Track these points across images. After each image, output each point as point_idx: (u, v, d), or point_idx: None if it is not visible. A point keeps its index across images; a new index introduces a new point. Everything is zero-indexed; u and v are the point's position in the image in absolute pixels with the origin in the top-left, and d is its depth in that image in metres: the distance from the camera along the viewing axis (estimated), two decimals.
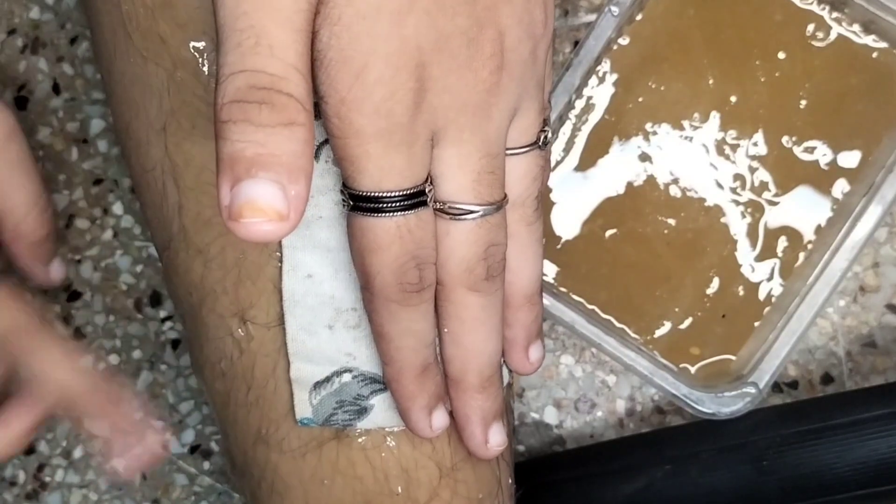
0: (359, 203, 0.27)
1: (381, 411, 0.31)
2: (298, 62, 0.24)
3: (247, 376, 0.32)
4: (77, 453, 0.44)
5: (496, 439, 0.31)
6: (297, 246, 0.30)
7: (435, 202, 0.27)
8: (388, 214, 0.26)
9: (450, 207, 0.27)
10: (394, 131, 0.26)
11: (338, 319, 0.31)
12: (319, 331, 0.31)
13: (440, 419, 0.30)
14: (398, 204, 0.26)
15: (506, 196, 0.29)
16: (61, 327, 0.44)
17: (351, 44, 0.25)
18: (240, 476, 0.35)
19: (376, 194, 0.26)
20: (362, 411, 0.31)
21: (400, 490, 0.31)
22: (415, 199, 0.27)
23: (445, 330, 0.30)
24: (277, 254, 0.31)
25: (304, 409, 0.31)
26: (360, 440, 0.31)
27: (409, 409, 0.30)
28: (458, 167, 0.27)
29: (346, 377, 0.31)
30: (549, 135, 0.30)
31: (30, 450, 0.44)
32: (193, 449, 0.44)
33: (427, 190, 0.27)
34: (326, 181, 0.30)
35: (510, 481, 0.34)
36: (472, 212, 0.27)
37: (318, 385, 0.31)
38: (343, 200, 0.27)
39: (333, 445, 0.32)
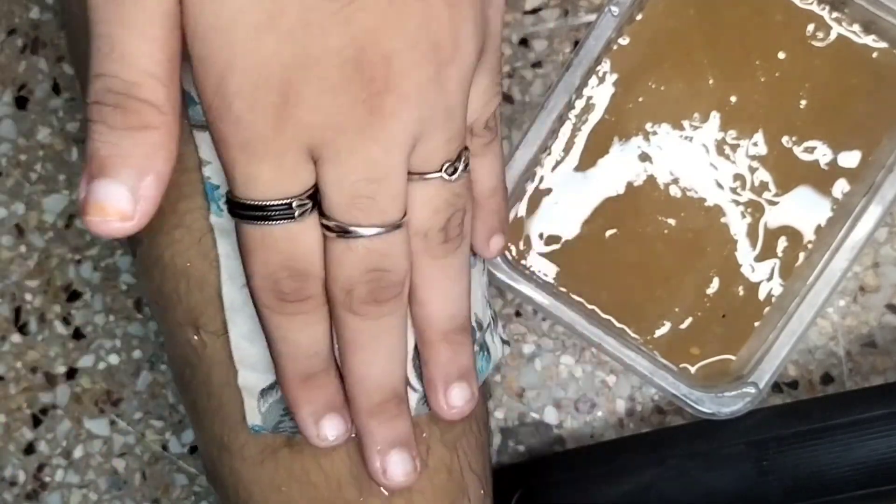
0: (232, 206, 0.27)
1: None
2: (156, 69, 0.25)
3: (206, 384, 0.33)
4: (77, 453, 0.44)
5: (395, 469, 0.30)
6: (231, 255, 0.31)
7: (322, 217, 0.27)
8: (254, 223, 0.27)
9: (335, 225, 0.27)
10: (256, 142, 0.26)
11: None
12: (260, 339, 0.30)
13: (329, 429, 0.30)
14: (262, 213, 0.26)
15: (400, 223, 0.27)
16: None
17: (210, 55, 0.25)
18: (212, 483, 0.35)
19: (244, 201, 0.26)
20: None
21: (352, 499, 0.31)
22: (281, 210, 0.26)
23: (339, 352, 0.29)
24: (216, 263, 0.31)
25: (254, 416, 0.31)
26: (311, 447, 0.31)
27: (296, 414, 0.30)
28: (335, 187, 0.27)
29: None
30: (464, 167, 0.28)
31: (30, 450, 0.44)
32: (193, 449, 0.44)
33: (301, 204, 0.27)
34: None
35: (482, 492, 0.34)
36: (349, 232, 0.27)
37: (264, 392, 0.31)
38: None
39: (287, 453, 0.32)
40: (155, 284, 0.33)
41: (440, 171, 0.28)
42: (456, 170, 0.28)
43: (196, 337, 0.32)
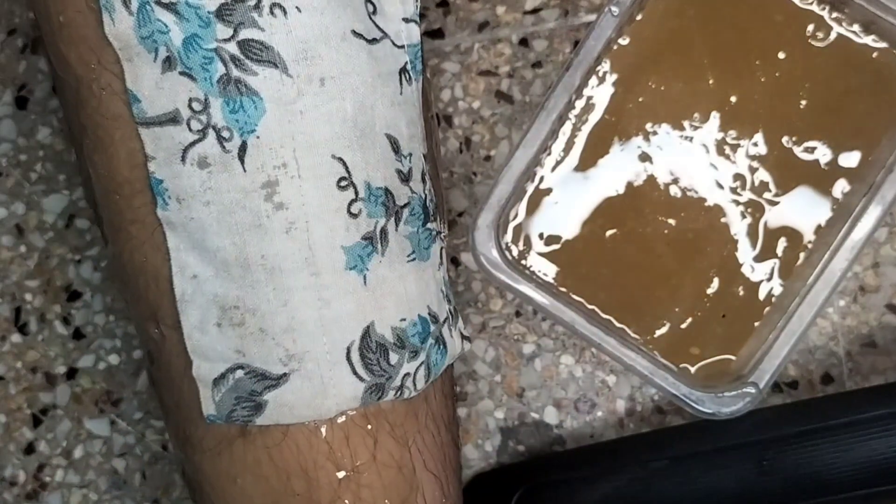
0: None
1: (274, 407, 0.31)
2: None
3: (168, 377, 0.33)
4: (77, 453, 0.44)
5: None
6: (180, 248, 0.31)
7: None
8: None
9: None
10: None
11: (224, 318, 0.31)
12: (210, 329, 0.31)
13: None
14: None
15: None
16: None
17: None
18: (182, 476, 0.36)
19: None
20: (258, 407, 0.32)
21: (300, 491, 0.32)
22: None
23: None
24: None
25: (208, 405, 0.32)
26: (262, 438, 0.32)
27: None
28: None
29: (239, 373, 0.31)
30: None
31: (30, 450, 0.44)
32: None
33: None
34: (193, 182, 0.30)
35: (441, 493, 0.34)
36: None
37: (217, 382, 0.32)
38: None
39: (241, 443, 0.32)
40: (121, 281, 0.34)
41: None
42: None
43: (157, 331, 0.33)
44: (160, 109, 0.31)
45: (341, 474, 0.32)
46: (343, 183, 0.31)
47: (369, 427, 0.32)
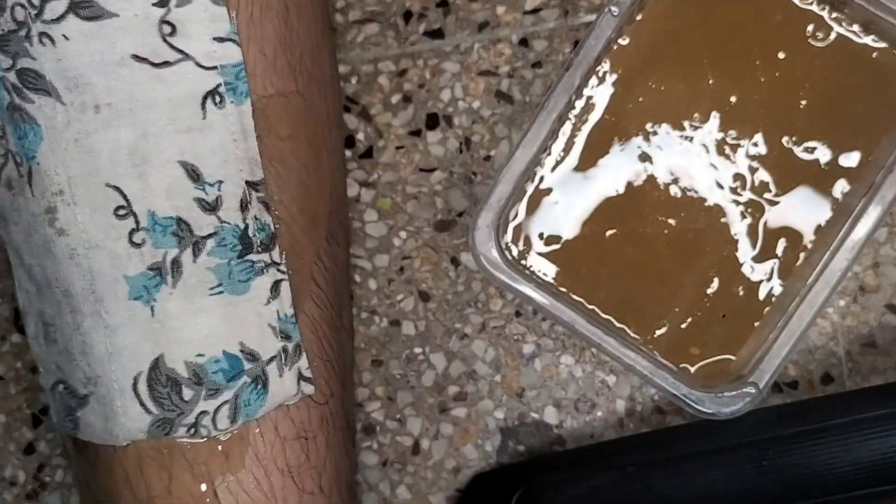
0: None
1: (83, 425, 0.32)
2: None
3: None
4: None
5: None
6: (15, 263, 0.33)
7: None
8: None
9: None
10: None
11: (46, 333, 0.32)
12: (41, 341, 0.33)
13: None
14: None
15: None
16: None
17: None
18: None
19: None
20: (76, 423, 0.32)
21: None
22: None
23: None
24: None
25: (53, 412, 0.33)
26: (84, 454, 0.33)
27: None
28: None
29: (61, 388, 0.32)
30: None
31: (30, 450, 0.44)
32: None
33: None
34: (5, 203, 0.32)
35: None
36: None
37: (51, 391, 0.33)
38: None
39: (76, 453, 0.33)
40: None
41: None
42: None
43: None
44: None
45: (139, 503, 0.32)
46: (121, 212, 0.31)
47: (163, 460, 0.32)
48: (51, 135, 0.30)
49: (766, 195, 0.37)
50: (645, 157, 0.37)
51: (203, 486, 0.32)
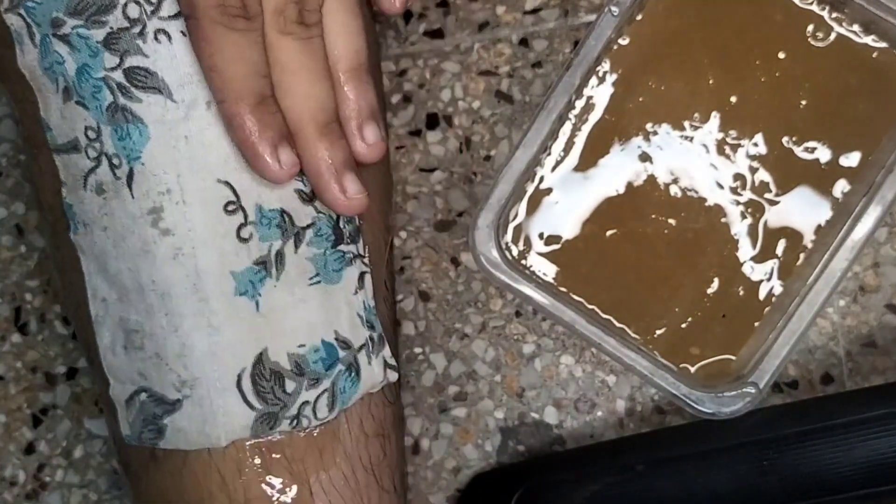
0: None
1: (172, 432, 0.31)
2: None
3: (103, 401, 0.34)
4: (77, 453, 0.44)
5: (352, 188, 0.31)
6: (91, 271, 0.32)
7: None
8: None
9: None
10: None
11: (127, 341, 0.32)
12: (119, 351, 0.32)
13: (287, 155, 0.30)
14: None
15: None
16: None
17: None
18: None
19: None
20: (160, 431, 0.32)
21: None
22: None
23: (276, 81, 0.30)
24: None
25: (124, 425, 0.32)
26: (167, 464, 0.32)
27: (255, 144, 0.30)
28: None
29: (143, 396, 0.32)
30: None
31: (30, 450, 0.44)
32: None
33: None
34: (92, 208, 0.31)
35: None
36: None
37: (128, 403, 0.32)
38: None
39: (153, 467, 0.32)
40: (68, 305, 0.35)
41: None
42: None
43: (89, 354, 0.33)
44: (65, 138, 0.31)
45: None
46: (231, 207, 0.31)
47: (262, 460, 0.31)
48: (159, 133, 0.30)
49: (767, 195, 0.37)
50: (645, 157, 0.37)
51: (300, 486, 0.32)
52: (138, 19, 0.30)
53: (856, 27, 0.37)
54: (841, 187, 0.37)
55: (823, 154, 0.37)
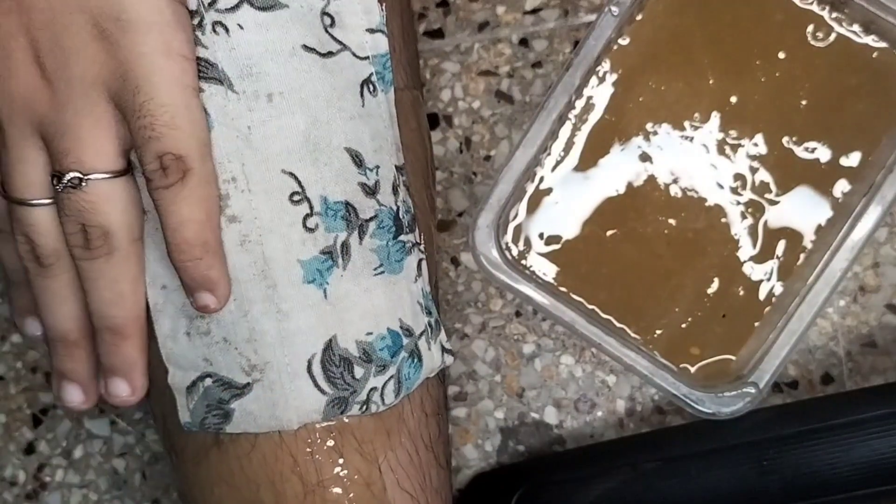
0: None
1: (241, 416, 0.32)
2: None
3: (154, 388, 0.34)
4: (77, 453, 0.44)
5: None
6: (150, 258, 0.32)
7: None
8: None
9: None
10: None
11: (191, 327, 0.32)
12: (180, 338, 0.32)
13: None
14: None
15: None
16: None
17: None
18: (177, 491, 0.36)
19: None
20: (227, 416, 0.32)
21: (269, 502, 0.32)
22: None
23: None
24: None
25: (184, 413, 0.32)
26: (233, 448, 0.32)
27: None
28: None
29: (208, 382, 0.32)
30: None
31: (30, 450, 0.44)
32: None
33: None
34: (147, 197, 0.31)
35: None
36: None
37: (189, 389, 0.32)
38: None
39: (215, 452, 0.32)
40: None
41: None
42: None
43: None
44: None
45: (307, 488, 0.32)
46: (296, 198, 0.31)
47: (334, 442, 0.32)
48: (222, 124, 0.30)
49: (767, 195, 0.37)
50: (645, 157, 0.37)
51: (370, 465, 0.32)
52: (196, 11, 0.30)
53: (856, 27, 0.37)
54: (841, 187, 0.37)
55: (823, 154, 0.37)
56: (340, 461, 0.32)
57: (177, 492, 0.36)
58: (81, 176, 0.29)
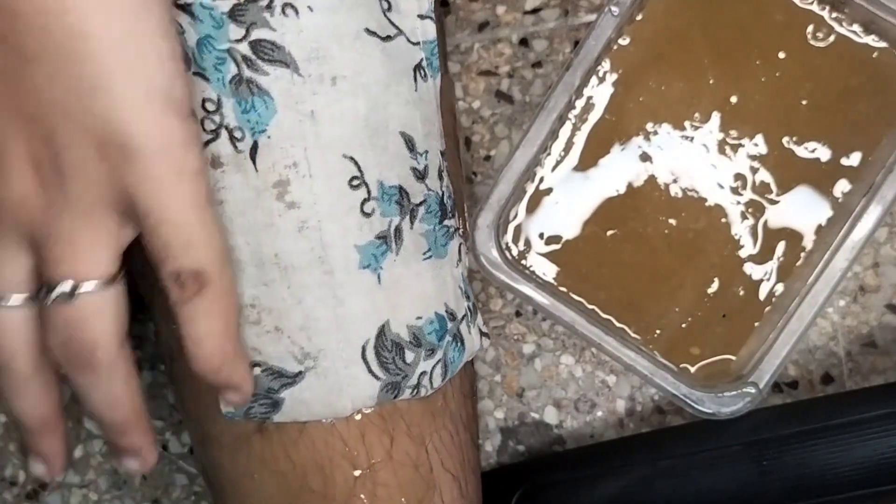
0: None
1: (291, 404, 0.32)
2: None
3: (189, 374, 0.33)
4: (77, 453, 0.44)
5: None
6: None
7: None
8: None
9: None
10: None
11: (241, 317, 0.31)
12: None
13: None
14: None
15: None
16: None
17: None
18: (200, 472, 0.36)
19: None
20: (275, 405, 0.32)
21: (316, 488, 0.32)
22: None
23: None
24: None
25: (226, 403, 0.32)
26: (278, 435, 0.32)
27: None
28: None
29: (256, 371, 0.32)
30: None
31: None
32: (193, 449, 0.44)
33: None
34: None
35: (459, 493, 0.34)
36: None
37: None
38: None
39: (258, 439, 0.32)
40: (144, 277, 0.34)
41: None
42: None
43: (175, 327, 0.33)
44: None
45: (357, 472, 0.32)
46: (355, 182, 0.31)
47: (385, 426, 0.32)
48: (286, 107, 0.30)
49: (767, 195, 0.37)
50: (645, 157, 0.37)
51: (418, 447, 0.33)
52: None
53: (856, 27, 0.37)
54: (841, 187, 0.37)
55: (823, 154, 0.37)
56: (390, 444, 0.32)
57: (205, 481, 0.36)
58: (73, 285, 0.27)
